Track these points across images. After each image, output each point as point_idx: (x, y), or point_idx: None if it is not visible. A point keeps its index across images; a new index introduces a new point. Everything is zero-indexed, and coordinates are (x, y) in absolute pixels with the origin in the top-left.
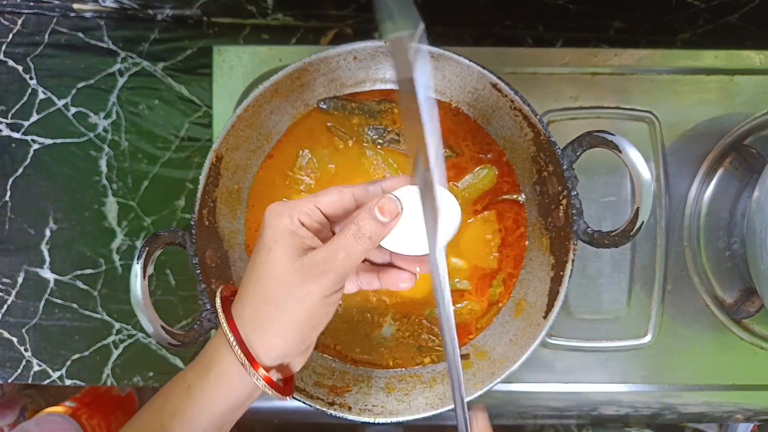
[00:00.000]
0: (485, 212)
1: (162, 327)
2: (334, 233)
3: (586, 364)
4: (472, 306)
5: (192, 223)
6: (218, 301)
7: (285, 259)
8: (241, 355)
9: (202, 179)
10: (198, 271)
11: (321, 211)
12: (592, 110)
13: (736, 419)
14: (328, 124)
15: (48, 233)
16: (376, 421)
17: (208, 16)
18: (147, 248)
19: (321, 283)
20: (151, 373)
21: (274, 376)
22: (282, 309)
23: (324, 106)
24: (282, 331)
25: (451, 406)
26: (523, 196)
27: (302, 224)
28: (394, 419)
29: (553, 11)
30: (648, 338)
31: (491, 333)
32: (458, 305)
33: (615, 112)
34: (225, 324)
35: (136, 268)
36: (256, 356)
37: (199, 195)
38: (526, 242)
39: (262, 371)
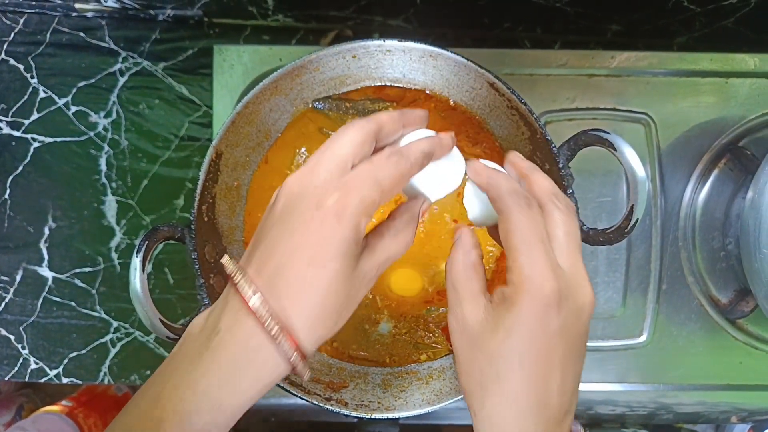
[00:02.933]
0: None
1: (160, 320)
2: None
3: None
4: None
5: (191, 218)
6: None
7: (342, 281)
8: (294, 355)
9: (201, 175)
10: (197, 266)
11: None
12: (588, 111)
13: (732, 421)
14: (321, 128)
15: (47, 231)
16: (373, 417)
17: (209, 16)
18: (146, 242)
19: (371, 284)
20: (148, 372)
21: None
22: (341, 318)
23: (319, 106)
24: (335, 330)
25: (449, 402)
26: None
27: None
28: (391, 415)
29: (552, 14)
30: (643, 338)
31: None
32: None
33: (611, 113)
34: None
35: (136, 261)
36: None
37: (198, 191)
38: None
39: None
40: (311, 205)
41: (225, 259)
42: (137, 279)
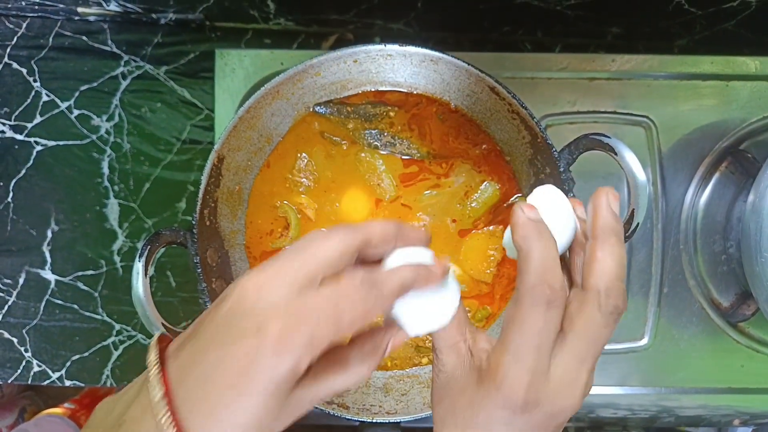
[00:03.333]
0: (492, 227)
1: (162, 324)
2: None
3: None
4: (470, 306)
5: (193, 222)
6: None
7: (265, 414)
8: None
9: (203, 179)
10: (199, 270)
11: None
12: (589, 115)
13: (734, 424)
14: (323, 132)
15: (49, 234)
16: (374, 420)
17: (211, 20)
18: (149, 246)
19: (302, 414)
20: None
21: None
22: None
23: (321, 111)
24: None
25: None
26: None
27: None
28: (392, 419)
29: (552, 17)
30: (645, 341)
31: (489, 333)
32: None
33: (612, 116)
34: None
35: (138, 266)
36: None
37: (200, 195)
38: None
39: None
40: (254, 324)
41: (153, 341)
42: (140, 283)
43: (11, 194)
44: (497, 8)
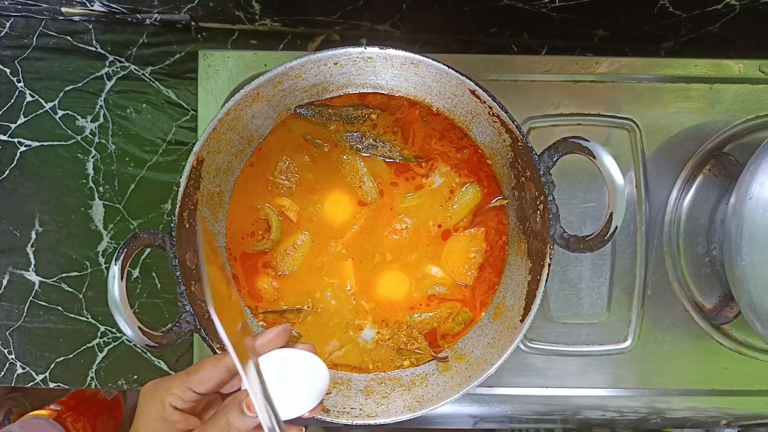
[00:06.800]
0: (473, 229)
1: (139, 328)
2: (222, 395)
3: (567, 369)
4: (452, 309)
5: (172, 225)
6: None
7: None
8: None
9: (182, 181)
10: (178, 273)
11: (194, 390)
12: (573, 117)
13: (721, 425)
14: (305, 134)
15: (34, 235)
16: (354, 423)
17: (197, 21)
18: (125, 249)
19: None
20: (135, 376)
21: None
22: None
23: (302, 113)
24: None
25: (430, 408)
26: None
27: (175, 408)
28: (372, 421)
29: (538, 19)
30: (628, 343)
31: (470, 336)
32: (436, 312)
33: (596, 119)
34: None
35: (114, 269)
36: None
37: (179, 197)
38: (506, 251)
39: None
40: None
41: None
42: (116, 287)
43: None
44: (483, 10)
